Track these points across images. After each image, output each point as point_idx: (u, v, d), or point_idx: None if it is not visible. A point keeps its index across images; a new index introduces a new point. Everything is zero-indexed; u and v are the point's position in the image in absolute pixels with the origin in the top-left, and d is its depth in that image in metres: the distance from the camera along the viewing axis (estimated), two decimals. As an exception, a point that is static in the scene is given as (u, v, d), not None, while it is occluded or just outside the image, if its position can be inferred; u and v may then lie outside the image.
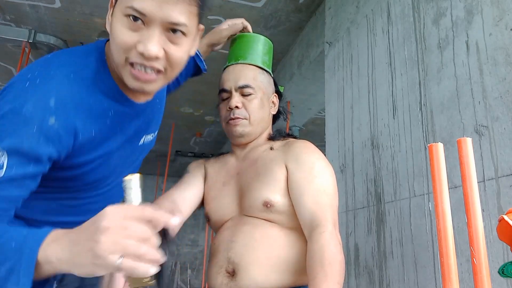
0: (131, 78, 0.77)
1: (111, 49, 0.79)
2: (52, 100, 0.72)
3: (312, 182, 1.08)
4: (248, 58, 1.25)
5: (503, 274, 0.87)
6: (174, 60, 0.78)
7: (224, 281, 1.07)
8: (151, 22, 0.73)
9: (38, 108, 0.70)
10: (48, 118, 0.71)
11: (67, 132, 0.74)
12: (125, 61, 0.76)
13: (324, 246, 0.98)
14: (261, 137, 1.25)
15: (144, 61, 0.75)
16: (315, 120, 4.64)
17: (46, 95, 0.72)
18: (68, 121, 0.74)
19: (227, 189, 1.20)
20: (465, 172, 0.83)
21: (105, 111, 0.83)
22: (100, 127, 0.82)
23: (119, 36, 0.74)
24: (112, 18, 0.78)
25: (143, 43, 0.73)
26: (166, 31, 0.75)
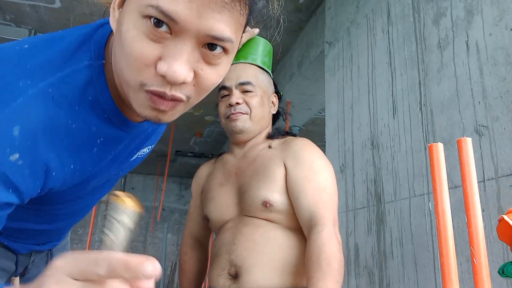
0: (147, 106, 0.55)
1: (117, 59, 0.56)
2: (17, 129, 0.51)
3: (311, 181, 1.08)
4: (249, 58, 1.25)
5: (503, 274, 0.87)
6: (205, 86, 0.56)
7: (226, 283, 1.07)
8: (183, 32, 0.50)
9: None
10: (9, 154, 0.51)
11: (35, 170, 0.54)
12: (140, 86, 0.54)
13: (322, 245, 0.97)
14: (260, 135, 1.24)
15: (165, 89, 0.53)
16: (315, 120, 4.64)
17: (8, 121, 0.51)
18: (37, 156, 0.54)
19: (225, 189, 1.20)
20: (465, 172, 0.83)
21: (91, 137, 0.61)
22: (83, 159, 0.62)
23: (133, 47, 0.51)
24: (123, 14, 0.54)
25: (167, 61, 0.51)
26: (201, 46, 0.53)
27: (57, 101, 0.55)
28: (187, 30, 0.50)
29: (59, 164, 0.58)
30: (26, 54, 0.57)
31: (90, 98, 0.59)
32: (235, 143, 1.25)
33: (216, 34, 0.51)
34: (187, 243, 1.33)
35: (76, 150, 0.60)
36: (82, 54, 0.59)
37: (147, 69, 0.52)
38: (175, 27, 0.50)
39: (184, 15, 0.49)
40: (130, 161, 0.80)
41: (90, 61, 0.59)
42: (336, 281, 0.93)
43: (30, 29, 3.32)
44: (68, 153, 0.59)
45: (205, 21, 0.49)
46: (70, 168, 0.60)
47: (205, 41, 0.52)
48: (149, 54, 0.51)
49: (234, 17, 0.52)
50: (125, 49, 0.52)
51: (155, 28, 0.50)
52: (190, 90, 0.55)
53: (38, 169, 0.55)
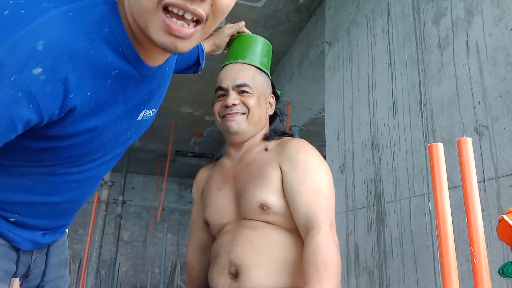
0: (162, 30, 0.59)
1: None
2: (40, 44, 0.52)
3: (307, 182, 1.07)
4: (247, 58, 1.24)
5: (503, 274, 0.87)
6: (221, 7, 0.62)
7: (226, 282, 1.07)
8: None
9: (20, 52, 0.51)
10: (33, 66, 0.51)
11: (55, 88, 0.55)
12: (157, 3, 0.57)
13: (319, 248, 0.97)
14: (256, 137, 1.23)
15: (186, 2, 0.57)
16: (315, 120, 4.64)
17: (32, 34, 0.52)
18: (58, 72, 0.55)
19: (223, 193, 1.20)
20: (465, 172, 0.83)
21: (107, 67, 0.63)
22: (98, 87, 0.63)
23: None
24: None
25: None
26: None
27: (78, 25, 0.57)
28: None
29: (76, 86, 0.58)
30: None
31: (106, 30, 0.61)
32: (231, 144, 1.25)
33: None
34: (193, 248, 1.33)
35: (93, 76, 0.61)
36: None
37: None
38: None
39: None
40: (137, 120, 0.81)
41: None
42: (334, 285, 0.93)
43: (30, 29, 3.31)
44: (85, 77, 0.60)
45: None
46: (87, 95, 0.61)
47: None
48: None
49: None
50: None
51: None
52: (208, 9, 0.60)
53: (58, 87, 0.56)
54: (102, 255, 7.63)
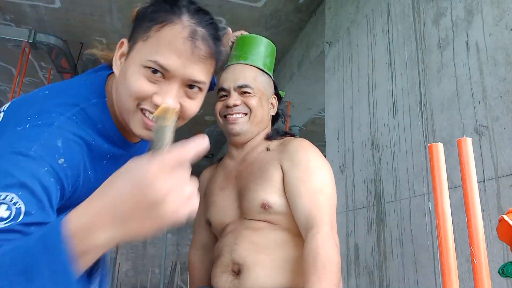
0: (141, 126, 0.77)
1: (119, 94, 0.77)
2: (60, 141, 0.70)
3: (308, 182, 1.07)
4: (249, 59, 1.24)
5: (503, 274, 0.87)
6: (188, 114, 0.79)
7: (229, 279, 1.08)
8: (172, 77, 0.74)
9: (47, 149, 0.67)
10: (58, 158, 0.68)
11: (73, 171, 0.72)
12: (137, 106, 0.75)
13: (318, 247, 0.97)
14: (258, 137, 1.23)
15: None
16: (315, 120, 4.64)
17: (52, 136, 0.69)
18: (74, 160, 0.72)
19: (225, 193, 1.20)
20: (465, 172, 0.83)
21: (104, 152, 0.82)
22: (97, 169, 0.81)
23: (135, 85, 0.73)
24: (126, 64, 0.76)
25: (160, 96, 0.73)
26: (184, 86, 0.76)
27: (80, 126, 0.76)
28: (176, 76, 0.74)
29: (84, 169, 0.76)
30: (49, 97, 0.77)
31: (99, 126, 0.80)
32: (233, 144, 1.25)
33: (195, 79, 0.75)
34: (196, 248, 1.34)
35: (93, 160, 0.79)
36: (91, 95, 0.80)
37: (144, 100, 0.75)
38: (167, 74, 0.73)
39: (174, 67, 0.73)
40: None
41: (96, 99, 0.81)
42: (333, 284, 0.93)
43: (30, 29, 3.32)
44: (89, 162, 0.77)
45: (188, 70, 0.74)
46: (89, 174, 0.78)
47: (187, 83, 0.76)
48: (147, 89, 0.74)
49: (206, 67, 0.77)
50: (129, 86, 0.74)
51: (153, 74, 0.73)
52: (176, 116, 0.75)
53: (74, 171, 0.73)
54: (102, 255, 7.60)
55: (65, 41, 3.47)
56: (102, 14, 3.19)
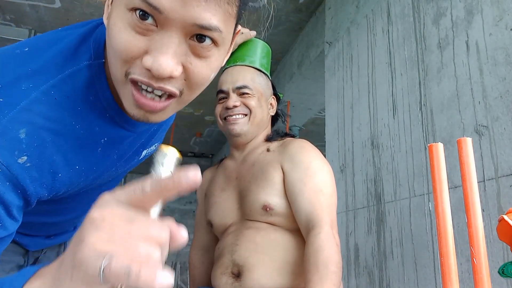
0: (132, 103, 0.55)
1: (108, 55, 0.55)
2: (23, 132, 0.51)
3: (308, 183, 1.07)
4: (246, 60, 1.25)
5: (503, 274, 0.87)
6: (196, 80, 0.54)
7: (229, 281, 1.08)
8: (169, 24, 0.49)
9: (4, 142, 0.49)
10: (18, 156, 0.50)
11: (42, 174, 0.54)
12: (125, 76, 0.53)
13: (319, 247, 0.97)
14: (259, 138, 1.24)
15: (151, 81, 0.51)
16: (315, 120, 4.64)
17: (14, 123, 0.50)
18: (44, 158, 0.54)
19: (226, 194, 1.20)
20: (465, 172, 0.83)
21: (95, 138, 0.61)
22: (88, 158, 0.62)
23: (118, 39, 0.50)
24: (112, 8, 0.53)
25: (152, 55, 0.50)
26: (189, 38, 0.51)
27: (60, 103, 0.55)
28: (173, 21, 0.48)
29: (65, 165, 0.58)
30: (27, 57, 0.57)
31: (91, 98, 0.59)
32: (234, 145, 1.25)
33: (202, 22, 0.49)
34: (197, 248, 1.34)
35: (81, 151, 0.60)
36: (82, 54, 0.59)
37: (132, 62, 0.51)
38: (160, 18, 0.48)
39: (168, 4, 0.47)
40: (138, 159, 0.80)
41: (90, 61, 0.59)
42: (334, 284, 0.93)
43: (30, 29, 3.32)
44: (73, 154, 0.58)
45: (190, 9, 0.47)
46: (76, 169, 0.60)
47: (192, 32, 0.50)
48: (134, 46, 0.50)
49: (221, 6, 0.49)
50: (112, 41, 0.51)
51: (140, 21, 0.49)
52: (181, 84, 0.54)
53: (45, 171, 0.55)
54: (102, 255, 7.58)
55: (65, 41, 3.48)
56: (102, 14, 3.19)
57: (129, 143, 0.71)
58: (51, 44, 0.59)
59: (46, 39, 0.61)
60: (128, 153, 0.74)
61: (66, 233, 0.93)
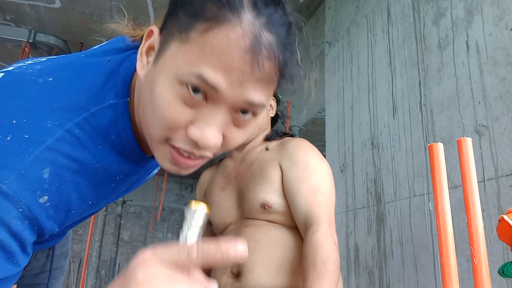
0: (168, 160, 0.56)
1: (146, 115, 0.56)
2: (47, 172, 0.51)
3: (306, 181, 1.07)
4: None
5: (503, 274, 0.87)
6: (230, 146, 0.56)
7: (229, 281, 1.07)
8: (220, 100, 0.50)
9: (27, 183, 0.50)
10: (40, 196, 0.51)
11: (58, 212, 0.55)
12: (165, 140, 0.54)
13: (317, 245, 0.97)
14: (258, 138, 1.25)
15: (194, 149, 0.53)
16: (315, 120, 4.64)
17: (39, 163, 0.51)
18: (63, 196, 0.54)
19: (226, 193, 1.21)
20: (465, 172, 0.83)
21: (112, 175, 0.62)
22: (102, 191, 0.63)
23: (166, 109, 0.51)
24: (155, 70, 0.53)
25: (199, 126, 0.50)
26: (233, 111, 0.52)
27: (83, 143, 0.56)
28: (225, 99, 0.50)
29: (79, 202, 0.58)
30: (51, 90, 0.57)
31: (113, 137, 0.60)
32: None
33: (254, 101, 0.51)
34: None
35: (95, 187, 0.60)
36: (107, 92, 0.59)
37: (177, 130, 0.52)
38: (213, 95, 0.49)
39: (225, 85, 0.48)
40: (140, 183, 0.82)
41: (115, 100, 0.59)
42: (331, 282, 0.93)
43: (30, 29, 3.32)
44: (88, 191, 0.59)
45: (245, 90, 0.49)
46: (88, 204, 0.61)
47: (239, 107, 0.52)
48: (182, 117, 0.51)
49: (268, 88, 0.52)
50: (158, 111, 0.52)
51: (191, 96, 0.49)
52: (217, 149, 0.55)
53: (61, 209, 0.55)
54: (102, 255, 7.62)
55: (65, 41, 3.48)
56: (102, 14, 3.19)
57: (139, 176, 0.73)
58: (76, 77, 0.60)
59: (71, 71, 0.61)
60: (136, 184, 0.76)
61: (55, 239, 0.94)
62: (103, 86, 0.59)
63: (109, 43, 0.69)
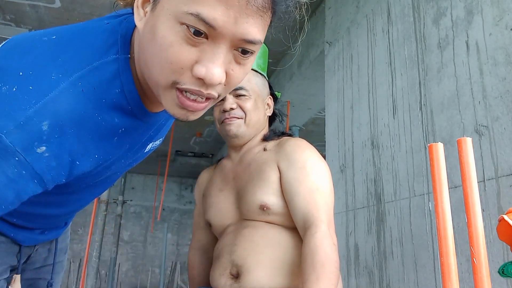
0: (175, 105, 0.58)
1: (146, 59, 0.58)
2: (46, 124, 0.52)
3: (304, 181, 1.06)
4: None
5: (503, 274, 0.87)
6: (234, 84, 0.60)
7: (228, 283, 1.07)
8: (220, 37, 0.53)
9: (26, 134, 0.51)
10: (37, 146, 0.52)
11: (60, 161, 0.56)
12: (172, 84, 0.56)
13: (316, 247, 0.97)
14: (256, 138, 1.24)
15: (201, 88, 0.56)
16: (315, 120, 4.64)
17: (39, 115, 0.52)
18: (63, 148, 0.55)
19: (224, 194, 1.21)
20: (465, 172, 0.83)
21: (114, 128, 0.64)
22: (105, 147, 0.65)
23: (171, 52, 0.53)
24: (154, 16, 0.55)
25: (204, 65, 0.54)
26: (234, 48, 0.56)
27: (86, 95, 0.57)
28: (224, 35, 0.53)
29: (83, 154, 0.60)
30: (55, 45, 0.59)
31: (117, 91, 0.61)
32: (231, 146, 1.26)
33: (250, 38, 0.55)
34: (195, 249, 1.34)
35: (99, 140, 0.62)
36: (110, 48, 0.61)
37: (183, 71, 0.55)
38: (212, 33, 0.53)
39: (222, 22, 0.52)
40: (143, 152, 0.83)
41: (117, 55, 0.61)
42: (331, 284, 0.93)
43: (30, 29, 3.32)
44: (92, 143, 0.61)
45: (240, 26, 0.53)
46: (94, 157, 0.63)
47: (238, 45, 0.55)
48: (186, 58, 0.54)
49: (264, 21, 0.56)
50: (162, 53, 0.54)
51: (192, 35, 0.53)
52: (221, 88, 0.59)
53: (64, 160, 0.57)
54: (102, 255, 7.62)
55: (65, 41, 3.48)
56: (102, 14, 3.19)
57: (141, 133, 0.74)
58: (78, 35, 0.62)
59: (73, 30, 0.63)
60: (138, 143, 0.77)
61: (58, 229, 0.95)
62: (105, 43, 0.61)
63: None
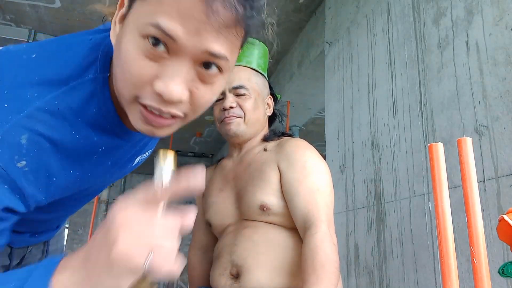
0: (140, 120, 0.57)
1: (116, 75, 0.57)
2: (24, 138, 0.53)
3: (304, 182, 1.07)
4: (243, 61, 1.25)
5: (503, 274, 0.87)
6: (200, 104, 0.57)
7: (228, 283, 1.07)
8: (180, 51, 0.52)
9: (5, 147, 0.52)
10: (17, 160, 0.53)
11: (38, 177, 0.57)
12: (134, 99, 0.56)
13: (316, 247, 0.97)
14: (256, 138, 1.24)
15: (161, 106, 0.54)
16: (315, 120, 4.64)
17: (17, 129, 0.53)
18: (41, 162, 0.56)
19: (224, 194, 1.20)
20: (465, 172, 0.83)
21: (93, 147, 0.64)
22: (84, 165, 0.64)
23: (131, 65, 0.53)
24: (122, 31, 0.55)
25: (163, 80, 0.52)
26: (197, 65, 0.54)
27: (62, 113, 0.57)
28: (185, 48, 0.51)
29: (61, 169, 0.60)
30: (33, 65, 0.59)
31: (94, 110, 0.61)
32: (232, 145, 1.26)
33: (213, 50, 0.52)
34: (195, 249, 1.34)
35: (77, 158, 0.62)
36: (89, 67, 0.61)
37: (143, 86, 0.54)
38: (173, 46, 0.51)
39: (182, 33, 0.50)
40: (132, 165, 0.83)
41: (95, 74, 0.61)
42: (331, 284, 0.92)
43: (30, 29, 3.32)
44: (69, 161, 0.61)
45: (203, 38, 0.51)
46: (70, 173, 0.63)
47: (201, 59, 0.53)
48: (146, 72, 0.53)
49: (229, 39, 0.53)
50: (124, 66, 0.53)
51: (153, 48, 0.51)
52: (186, 107, 0.57)
53: (41, 174, 0.57)
54: (102, 255, 7.58)
55: (65, 41, 3.48)
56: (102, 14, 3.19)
57: (124, 151, 0.74)
58: (58, 53, 0.61)
59: (53, 48, 0.62)
60: (123, 160, 0.76)
61: (49, 231, 0.94)
62: (84, 62, 0.61)
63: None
